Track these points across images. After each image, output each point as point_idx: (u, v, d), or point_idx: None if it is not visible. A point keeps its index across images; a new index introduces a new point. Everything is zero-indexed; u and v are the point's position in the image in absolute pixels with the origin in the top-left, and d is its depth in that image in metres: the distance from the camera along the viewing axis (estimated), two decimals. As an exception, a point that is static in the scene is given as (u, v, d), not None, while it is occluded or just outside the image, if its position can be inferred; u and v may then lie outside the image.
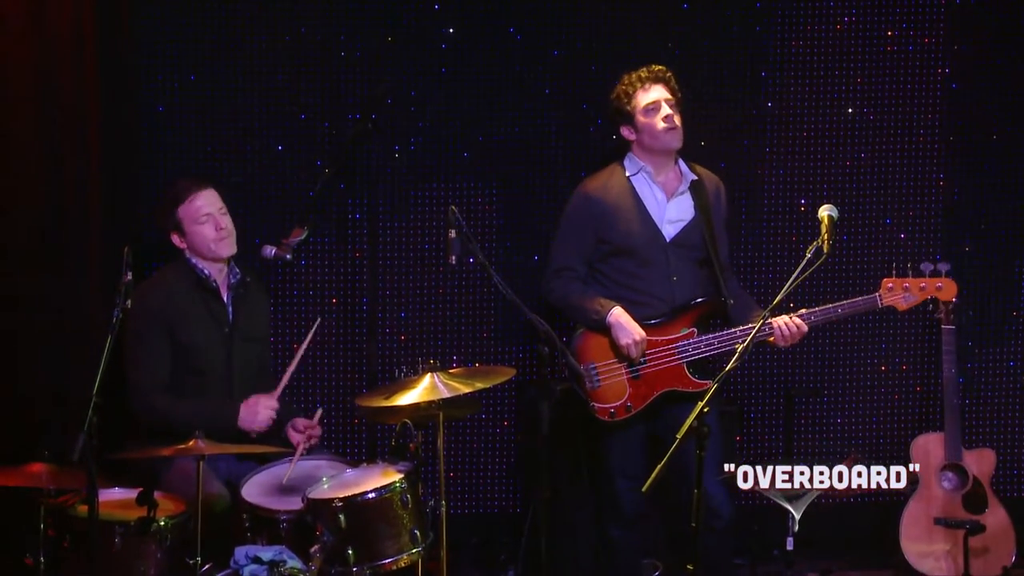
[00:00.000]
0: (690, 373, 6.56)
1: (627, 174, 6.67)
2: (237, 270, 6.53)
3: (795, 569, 7.33)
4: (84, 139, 6.88)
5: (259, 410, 6.32)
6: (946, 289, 6.73)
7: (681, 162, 6.72)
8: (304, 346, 6.38)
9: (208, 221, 6.41)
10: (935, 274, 6.73)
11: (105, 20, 6.96)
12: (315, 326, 6.47)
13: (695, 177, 6.70)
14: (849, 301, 6.62)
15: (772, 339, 6.54)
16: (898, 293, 6.67)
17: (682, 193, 6.68)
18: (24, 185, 6.83)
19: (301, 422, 6.45)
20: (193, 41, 7.26)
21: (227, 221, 6.45)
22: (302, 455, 6.32)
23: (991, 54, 7.64)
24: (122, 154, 7.09)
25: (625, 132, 6.68)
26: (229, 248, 6.46)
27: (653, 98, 6.60)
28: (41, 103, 6.84)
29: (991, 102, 7.67)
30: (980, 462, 7.19)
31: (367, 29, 7.37)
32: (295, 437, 6.42)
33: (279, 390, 6.37)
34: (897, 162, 7.67)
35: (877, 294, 6.66)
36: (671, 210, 6.67)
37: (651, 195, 6.66)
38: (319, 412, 6.45)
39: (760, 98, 7.60)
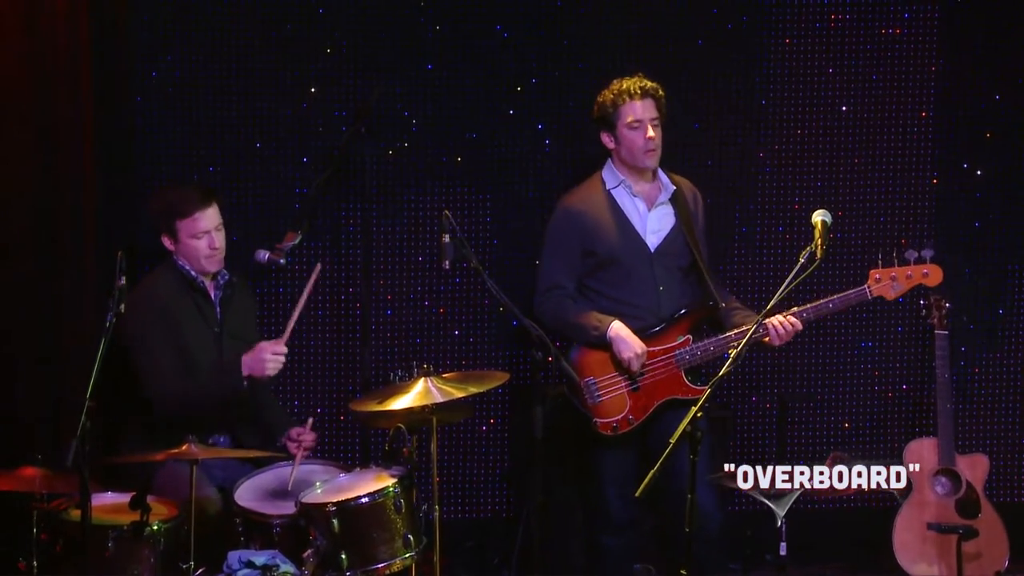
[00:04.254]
0: (688, 380, 6.56)
1: (607, 187, 6.66)
2: (225, 271, 6.54)
3: (788, 574, 7.33)
4: (79, 142, 6.88)
5: (265, 357, 6.29)
6: (932, 275, 6.65)
7: (660, 171, 6.71)
8: (307, 292, 6.34)
9: (204, 238, 6.42)
10: (919, 261, 6.64)
11: (99, 22, 6.96)
12: (315, 272, 6.41)
13: (674, 188, 6.69)
14: (839, 295, 6.62)
15: (767, 339, 6.54)
16: (885, 283, 6.63)
17: (662, 203, 6.68)
18: (18, 188, 6.82)
19: (295, 431, 6.45)
20: (187, 43, 7.25)
21: (221, 239, 6.46)
22: (302, 460, 6.32)
23: (984, 53, 7.64)
24: (116, 158, 7.09)
25: (605, 139, 6.67)
26: (216, 265, 6.48)
27: (639, 115, 6.57)
28: (35, 105, 6.83)
29: (984, 101, 7.67)
30: (973, 467, 7.19)
31: (360, 32, 7.37)
32: (291, 446, 6.43)
33: (286, 335, 6.34)
34: (890, 162, 7.67)
35: (866, 286, 6.64)
36: (652, 220, 6.66)
37: (632, 207, 6.66)
38: (310, 421, 6.45)
39: (754, 97, 7.60)
